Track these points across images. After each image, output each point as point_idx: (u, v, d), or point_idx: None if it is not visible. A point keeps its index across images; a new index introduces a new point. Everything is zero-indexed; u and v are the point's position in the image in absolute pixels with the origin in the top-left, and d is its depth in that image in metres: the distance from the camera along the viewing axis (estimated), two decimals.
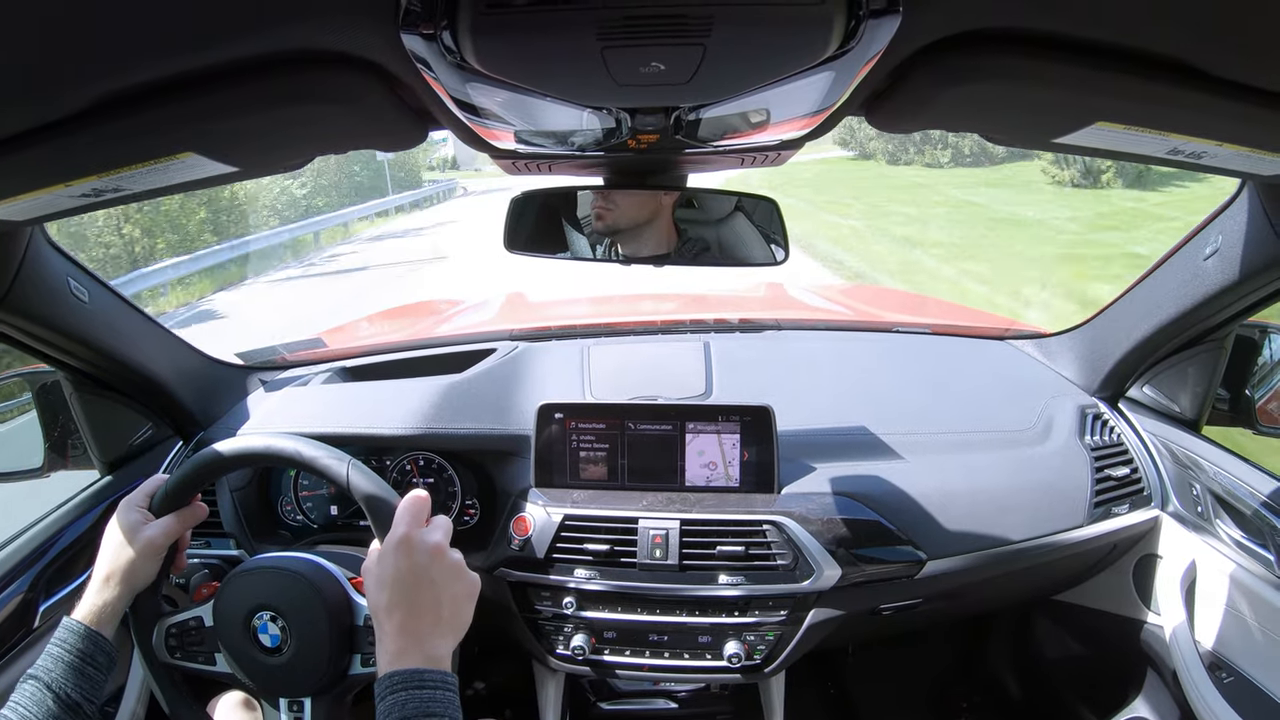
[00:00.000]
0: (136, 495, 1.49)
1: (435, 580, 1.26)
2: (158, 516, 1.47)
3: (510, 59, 0.87)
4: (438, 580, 1.26)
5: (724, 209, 1.76)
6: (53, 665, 1.30)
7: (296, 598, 1.41)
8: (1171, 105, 0.98)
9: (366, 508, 1.38)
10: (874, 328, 2.77)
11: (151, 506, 1.48)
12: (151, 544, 1.43)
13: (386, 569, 1.25)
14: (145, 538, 1.43)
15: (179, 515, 1.48)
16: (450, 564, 1.30)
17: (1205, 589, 1.96)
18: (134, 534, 1.43)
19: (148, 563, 1.44)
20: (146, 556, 1.43)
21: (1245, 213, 1.64)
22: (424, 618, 1.23)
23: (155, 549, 1.44)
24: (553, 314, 3.28)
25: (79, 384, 1.96)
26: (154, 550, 1.44)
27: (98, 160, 1.05)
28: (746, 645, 1.91)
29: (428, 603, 1.24)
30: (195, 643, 1.49)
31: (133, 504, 1.47)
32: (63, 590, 1.85)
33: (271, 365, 2.49)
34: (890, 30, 0.84)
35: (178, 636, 1.49)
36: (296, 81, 0.94)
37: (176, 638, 1.49)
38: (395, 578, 1.24)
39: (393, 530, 1.28)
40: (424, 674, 1.16)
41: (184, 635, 1.49)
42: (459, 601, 1.29)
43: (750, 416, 1.97)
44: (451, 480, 2.11)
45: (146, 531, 1.43)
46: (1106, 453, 2.12)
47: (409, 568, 1.25)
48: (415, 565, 1.25)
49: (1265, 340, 2.01)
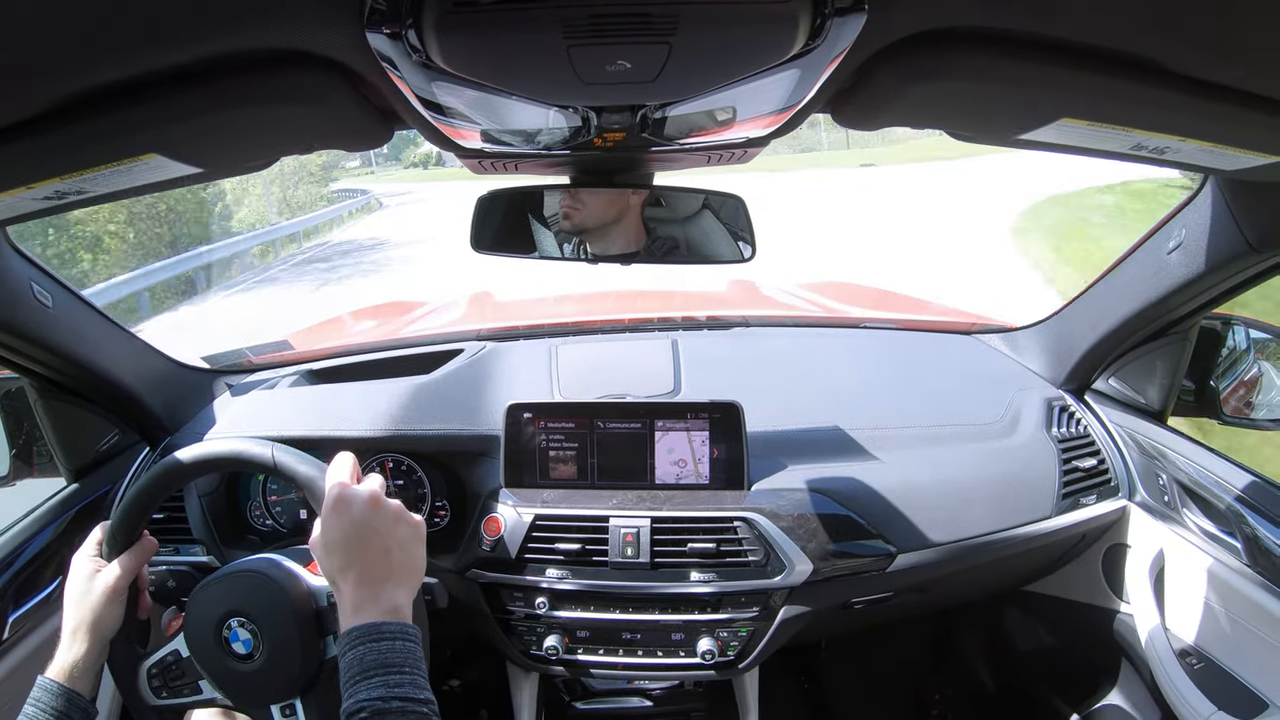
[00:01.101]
0: (86, 546, 1.49)
1: (378, 529, 1.26)
2: (109, 560, 1.47)
3: (476, 58, 0.87)
4: (380, 529, 1.27)
5: (692, 207, 1.75)
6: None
7: (258, 597, 1.41)
8: (1135, 102, 0.98)
9: (298, 484, 1.40)
10: (842, 324, 2.78)
11: (102, 552, 1.48)
12: (110, 589, 1.43)
13: (330, 532, 1.25)
14: (102, 584, 1.43)
15: (130, 554, 1.48)
16: (390, 511, 1.30)
17: (1174, 577, 1.98)
18: (90, 583, 1.43)
19: (112, 608, 1.44)
20: (109, 602, 1.43)
21: (1208, 207, 1.66)
22: (376, 568, 1.23)
23: (115, 593, 1.44)
24: (520, 313, 3.27)
25: (43, 390, 1.93)
26: (114, 594, 1.44)
27: (61, 162, 1.03)
28: (720, 642, 1.91)
29: (376, 552, 1.24)
30: (177, 677, 1.48)
31: (84, 555, 1.48)
32: (31, 600, 1.83)
33: (238, 369, 2.47)
34: (856, 28, 0.84)
35: (159, 675, 1.48)
36: (260, 82, 0.92)
37: (159, 677, 1.48)
38: (340, 538, 1.24)
39: (329, 493, 1.29)
40: (381, 626, 1.16)
41: (165, 672, 1.48)
42: (407, 546, 1.30)
43: (719, 413, 1.97)
44: (421, 482, 2.09)
45: (102, 578, 1.44)
46: (1073, 444, 2.14)
47: (350, 523, 1.25)
48: (355, 520, 1.25)
49: (1229, 332, 2.03)
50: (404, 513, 1.32)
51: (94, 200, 1.23)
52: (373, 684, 1.10)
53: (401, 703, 1.10)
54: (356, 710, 1.09)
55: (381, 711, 1.08)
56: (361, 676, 1.11)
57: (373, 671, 1.11)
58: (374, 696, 1.09)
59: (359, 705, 1.09)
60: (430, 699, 1.13)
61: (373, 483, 1.32)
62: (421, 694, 1.13)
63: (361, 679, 1.11)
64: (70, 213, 1.84)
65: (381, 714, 1.08)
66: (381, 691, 1.10)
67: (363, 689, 1.10)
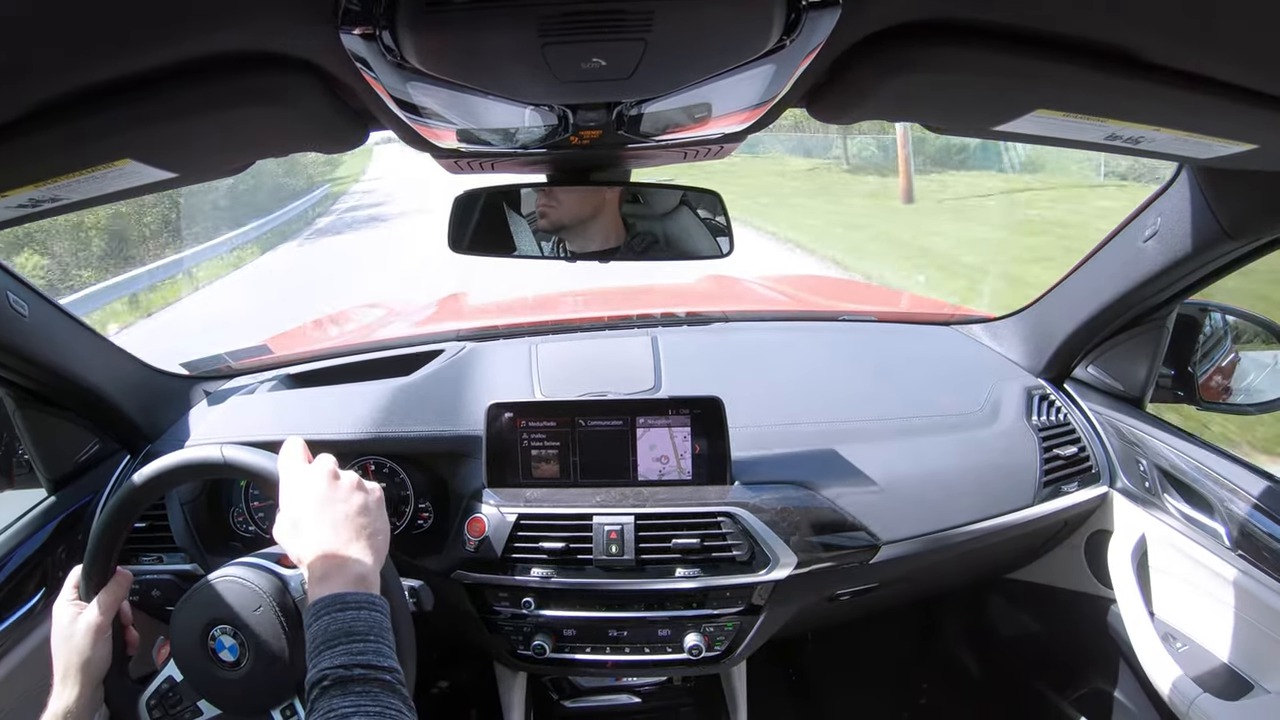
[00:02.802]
0: (65, 591, 1.48)
1: (335, 499, 1.28)
2: (88, 600, 1.46)
3: (451, 57, 0.87)
4: (337, 498, 1.28)
5: (670, 203, 1.76)
6: None
7: (234, 598, 1.41)
8: (1110, 92, 0.99)
9: (252, 477, 1.40)
10: (821, 316, 2.79)
11: (80, 594, 1.47)
12: (93, 628, 1.42)
13: (290, 510, 1.27)
14: (84, 624, 1.42)
15: (107, 590, 1.47)
16: (346, 481, 1.32)
17: (1156, 562, 2.00)
18: (73, 625, 1.43)
19: (99, 648, 1.43)
20: (94, 642, 1.42)
21: (1183, 196, 1.67)
22: (338, 537, 1.24)
23: (99, 631, 1.43)
24: (499, 313, 3.27)
25: (21, 400, 1.90)
26: (98, 633, 1.43)
27: (33, 170, 1.02)
28: (706, 637, 1.92)
29: (337, 520, 1.25)
30: (175, 703, 1.47)
31: (64, 600, 1.47)
32: (15, 614, 1.80)
33: (217, 374, 2.45)
34: (831, 22, 0.84)
35: (159, 705, 1.47)
36: (234, 84, 0.91)
37: (159, 707, 1.47)
38: (299, 514, 1.26)
39: (284, 477, 1.30)
40: (345, 596, 1.16)
41: (163, 701, 1.47)
42: (369, 510, 1.31)
43: (701, 409, 1.97)
44: (404, 484, 2.08)
45: (84, 619, 1.43)
46: (1054, 432, 2.16)
47: (308, 498, 1.27)
48: (313, 494, 1.27)
49: (1205, 318, 2.06)
50: (360, 482, 1.33)
51: (69, 207, 1.22)
52: (335, 652, 1.10)
53: (364, 670, 1.09)
54: (319, 679, 1.08)
55: (344, 680, 1.08)
56: (325, 645, 1.11)
57: (335, 640, 1.11)
58: (336, 665, 1.09)
59: (321, 674, 1.08)
60: (395, 667, 1.13)
61: (324, 459, 1.33)
62: (386, 662, 1.12)
63: (325, 648, 1.11)
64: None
65: (344, 682, 1.07)
66: (344, 660, 1.09)
67: (325, 658, 1.10)
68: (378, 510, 1.33)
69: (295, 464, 1.32)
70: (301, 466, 1.31)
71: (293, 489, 1.28)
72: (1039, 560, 2.39)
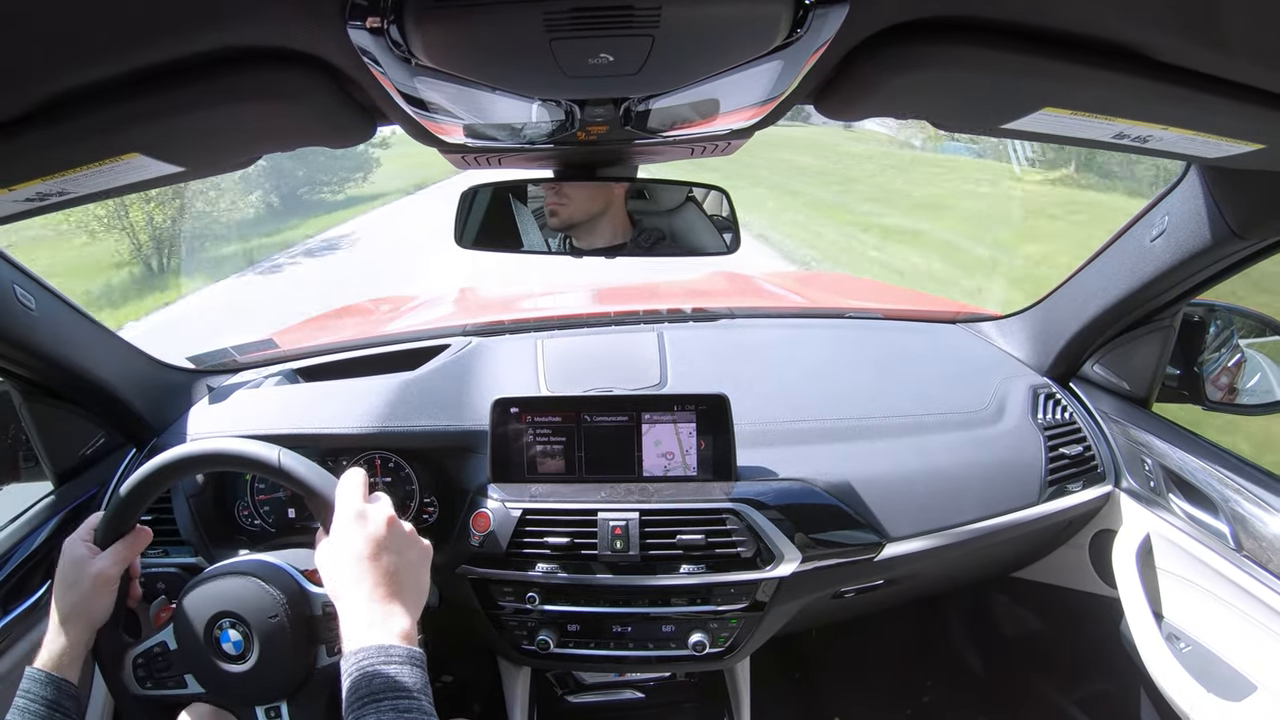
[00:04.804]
0: (79, 532, 1.47)
1: (392, 549, 1.26)
2: (103, 548, 1.44)
3: (458, 52, 0.87)
4: (395, 549, 1.27)
5: (676, 199, 1.76)
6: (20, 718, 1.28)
7: (252, 598, 1.40)
8: (1117, 91, 0.99)
9: (304, 491, 1.38)
10: (827, 314, 2.79)
11: (96, 540, 1.46)
12: (102, 577, 1.41)
13: (344, 546, 1.25)
14: (95, 572, 1.41)
15: (125, 543, 1.46)
16: (404, 531, 1.31)
17: (1160, 562, 2.00)
18: (82, 570, 1.41)
19: (102, 597, 1.42)
20: (100, 591, 1.41)
21: (1191, 195, 1.67)
22: (387, 587, 1.22)
23: (107, 582, 1.42)
24: (505, 308, 3.27)
25: (27, 393, 1.91)
26: (106, 583, 1.42)
27: (42, 163, 1.02)
28: (710, 633, 1.92)
29: (388, 572, 1.24)
30: (163, 668, 1.47)
31: (77, 540, 1.45)
32: (20, 606, 1.80)
33: (223, 368, 2.45)
34: (838, 19, 0.84)
35: (145, 666, 1.47)
36: (242, 79, 0.92)
37: (144, 667, 1.47)
38: (354, 553, 1.24)
39: (344, 507, 1.29)
40: (390, 649, 1.15)
41: (151, 663, 1.47)
42: (416, 568, 1.30)
43: (706, 405, 1.97)
44: (409, 478, 2.09)
45: (95, 565, 1.41)
46: (1059, 431, 2.15)
47: (366, 540, 1.25)
48: (372, 537, 1.25)
49: (1212, 318, 2.05)
50: (415, 535, 1.33)
51: (76, 201, 1.22)
52: (382, 708, 1.09)
53: None
54: None
55: None
56: (370, 699, 1.10)
57: (382, 695, 1.10)
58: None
59: None
60: None
61: (385, 501, 1.32)
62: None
63: (370, 701, 1.10)
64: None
65: None
66: (391, 717, 1.08)
67: (370, 712, 1.09)
68: (423, 570, 1.32)
69: (355, 496, 1.30)
70: (361, 501, 1.29)
71: (350, 523, 1.27)
72: (1043, 559, 2.39)
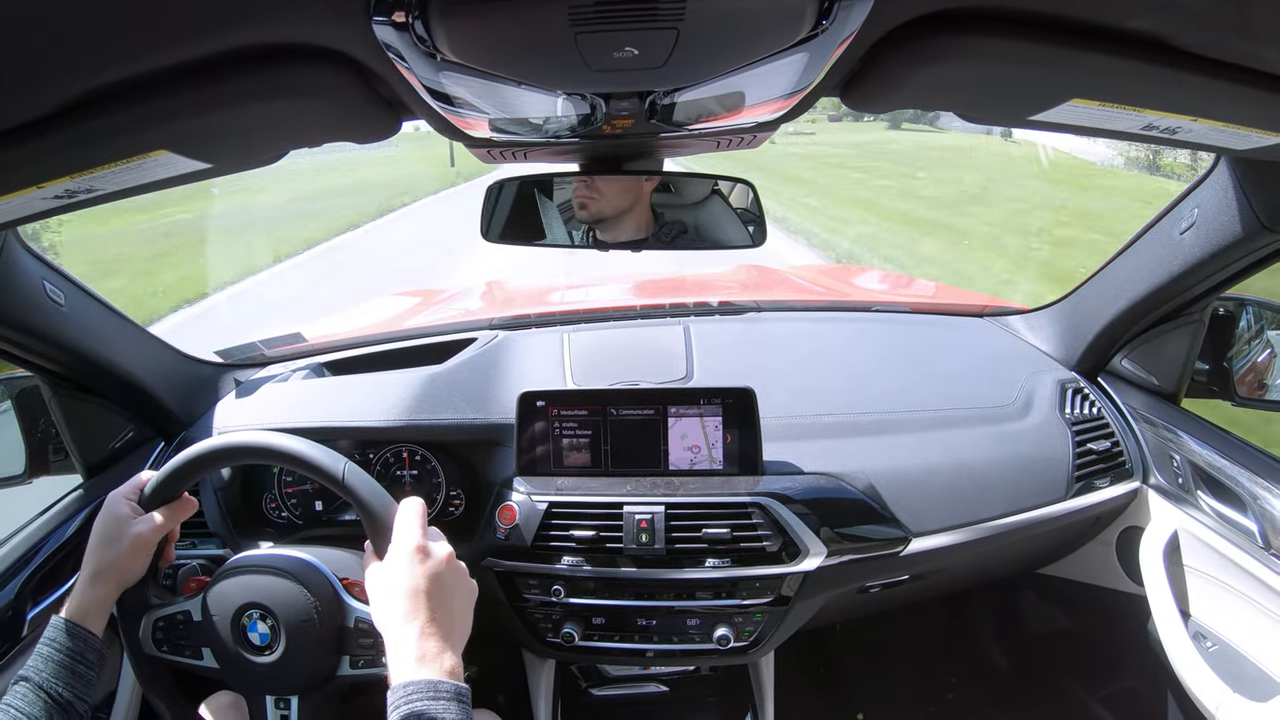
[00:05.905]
0: (125, 489, 1.45)
1: (447, 586, 1.26)
2: (146, 511, 1.44)
3: (482, 47, 0.87)
4: (448, 586, 1.27)
5: (701, 192, 1.76)
6: (43, 665, 1.28)
7: (287, 597, 1.41)
8: (1146, 82, 0.98)
9: (362, 511, 1.37)
10: (853, 307, 2.78)
11: (140, 500, 1.45)
12: (141, 539, 1.40)
13: (401, 578, 1.24)
14: (134, 533, 1.40)
15: (169, 509, 1.45)
16: (460, 570, 1.31)
17: (1188, 559, 1.98)
18: (122, 529, 1.40)
19: (137, 558, 1.42)
20: (136, 552, 1.41)
21: (1221, 187, 1.65)
22: (440, 624, 1.22)
23: (144, 544, 1.42)
24: (532, 301, 3.27)
25: (58, 388, 1.93)
26: (143, 545, 1.42)
27: (70, 161, 1.03)
28: (735, 627, 1.92)
29: (443, 609, 1.24)
30: (182, 637, 1.47)
31: (121, 498, 1.44)
32: (50, 597, 1.83)
33: (251, 362, 2.47)
34: (864, 11, 0.83)
35: (165, 630, 1.48)
36: (268, 76, 0.92)
37: (164, 630, 1.48)
38: (412, 588, 1.23)
39: (405, 537, 1.28)
40: (439, 684, 1.15)
41: (171, 628, 1.48)
42: (467, 608, 1.31)
43: (732, 399, 1.97)
44: (435, 471, 2.10)
45: (135, 526, 1.41)
46: (1087, 426, 2.14)
47: (425, 575, 1.24)
48: (431, 573, 1.25)
49: (1242, 313, 2.03)
50: (467, 574, 1.33)
51: (104, 198, 1.23)
52: None
53: None
54: None
55: None
56: None
57: None
58: None
59: None
60: None
61: (443, 537, 1.33)
62: None
63: None
64: None
65: None
66: None
67: None
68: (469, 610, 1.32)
69: (415, 528, 1.30)
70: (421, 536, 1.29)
71: (409, 556, 1.26)
72: (1070, 556, 2.38)
